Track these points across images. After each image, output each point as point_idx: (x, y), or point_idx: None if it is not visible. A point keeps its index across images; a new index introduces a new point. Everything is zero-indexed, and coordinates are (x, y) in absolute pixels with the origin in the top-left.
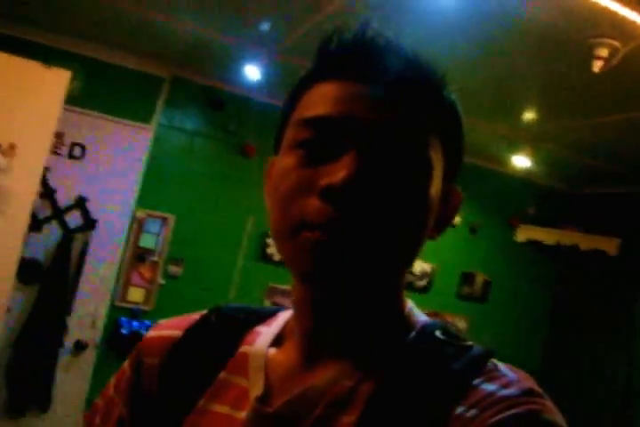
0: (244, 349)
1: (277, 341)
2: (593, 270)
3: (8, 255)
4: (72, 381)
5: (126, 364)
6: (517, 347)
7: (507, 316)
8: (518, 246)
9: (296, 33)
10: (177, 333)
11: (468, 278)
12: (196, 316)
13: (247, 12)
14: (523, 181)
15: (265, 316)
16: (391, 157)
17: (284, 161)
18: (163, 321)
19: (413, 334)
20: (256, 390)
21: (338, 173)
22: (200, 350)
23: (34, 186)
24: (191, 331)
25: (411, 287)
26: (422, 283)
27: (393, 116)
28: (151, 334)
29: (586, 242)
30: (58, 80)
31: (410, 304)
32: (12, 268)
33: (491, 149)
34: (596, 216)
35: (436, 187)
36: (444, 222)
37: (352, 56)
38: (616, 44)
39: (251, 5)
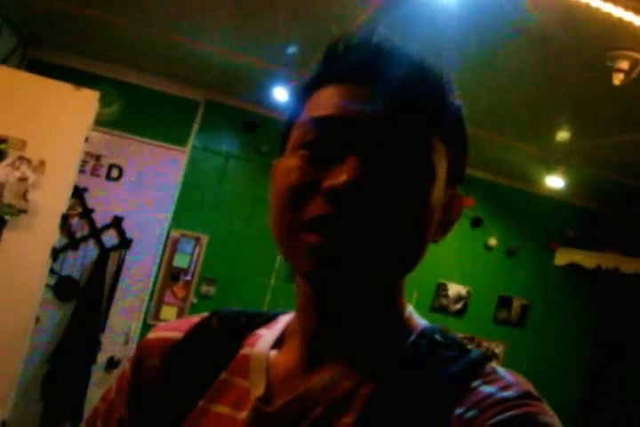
0: (245, 351)
1: (278, 343)
2: (636, 295)
3: (36, 269)
4: None
5: (127, 366)
6: (558, 374)
7: (546, 342)
8: (557, 270)
9: (319, 54)
10: (178, 335)
11: (505, 303)
12: (196, 318)
13: (274, 35)
14: (561, 204)
15: (266, 319)
16: (394, 160)
17: (288, 162)
18: (163, 323)
19: (413, 336)
20: (257, 390)
21: (341, 175)
22: (201, 351)
23: (62, 202)
24: (192, 333)
25: (445, 311)
26: (457, 306)
27: (397, 120)
28: (151, 336)
29: (627, 265)
30: (87, 100)
31: (410, 308)
32: (41, 281)
33: (526, 170)
34: (638, 238)
35: (438, 191)
36: (446, 227)
37: (358, 60)
38: (636, 55)
39: (277, 29)
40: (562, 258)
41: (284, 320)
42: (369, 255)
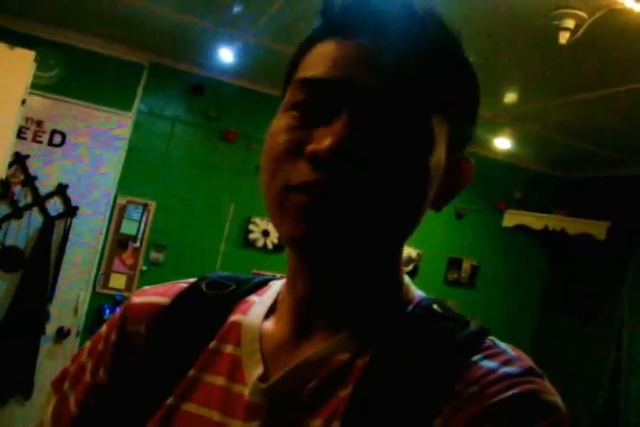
0: (235, 317)
1: (271, 311)
2: (581, 255)
3: None
4: (55, 368)
5: (104, 330)
6: (506, 332)
7: (495, 301)
8: (506, 231)
9: (266, 14)
10: (165, 300)
11: (454, 264)
12: (183, 283)
13: None
14: (509, 166)
15: (256, 285)
16: (387, 124)
17: (278, 122)
18: (147, 287)
19: (411, 307)
20: (251, 362)
21: (325, 138)
22: (189, 318)
23: (1, 167)
24: (179, 298)
25: None
26: (408, 269)
27: (393, 81)
28: (136, 300)
29: (574, 226)
30: (22, 61)
31: (407, 278)
32: None
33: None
34: (585, 200)
35: (437, 157)
36: (450, 193)
37: (356, 12)
38: (582, 14)
39: None
40: (510, 220)
41: (275, 286)
42: (352, 221)
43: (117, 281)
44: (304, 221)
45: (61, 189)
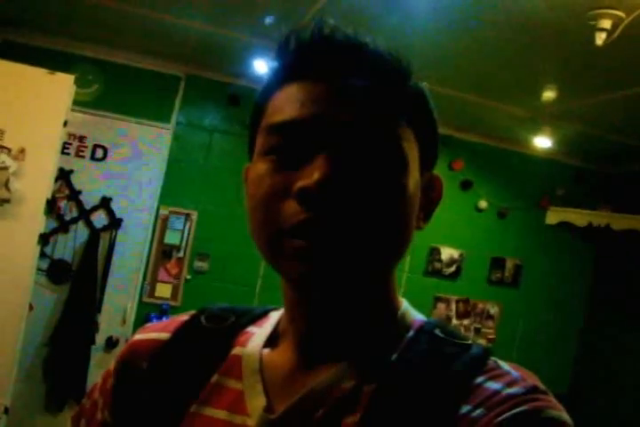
0: (236, 351)
1: (271, 341)
2: (627, 251)
3: (25, 257)
4: None
5: (112, 367)
6: (553, 332)
7: (541, 300)
8: (549, 229)
9: (298, 25)
10: (165, 335)
11: (498, 264)
12: (184, 317)
13: (252, 6)
14: (551, 163)
15: (256, 316)
16: (364, 154)
17: (257, 168)
18: (150, 324)
19: (412, 332)
20: (253, 394)
21: (311, 174)
22: (190, 352)
23: (46, 188)
24: (180, 333)
25: (439, 274)
26: (451, 270)
27: (360, 112)
28: (138, 337)
29: (618, 221)
30: (62, 85)
31: (405, 303)
32: (30, 269)
33: (514, 131)
34: (629, 195)
35: (413, 178)
36: (428, 211)
37: (311, 55)
38: (619, 13)
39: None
40: (553, 217)
41: (274, 317)
42: (355, 253)
43: (163, 290)
44: (305, 264)
45: (105, 202)
